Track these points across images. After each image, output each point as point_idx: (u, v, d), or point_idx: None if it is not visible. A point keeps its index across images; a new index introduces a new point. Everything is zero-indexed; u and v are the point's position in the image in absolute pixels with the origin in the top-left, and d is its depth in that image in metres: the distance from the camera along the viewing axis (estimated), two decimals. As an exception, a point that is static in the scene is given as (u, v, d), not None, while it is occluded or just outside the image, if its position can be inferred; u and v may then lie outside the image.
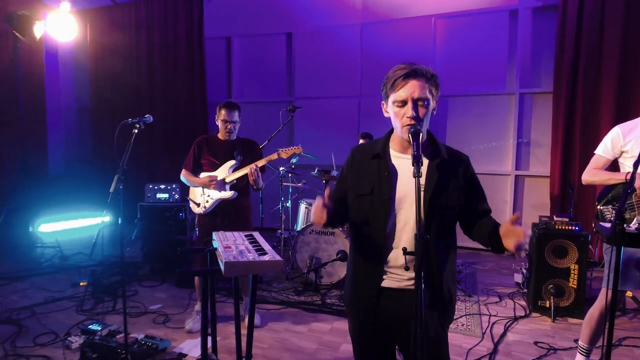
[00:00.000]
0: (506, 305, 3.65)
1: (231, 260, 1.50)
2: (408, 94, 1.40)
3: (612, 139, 2.41)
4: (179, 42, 6.67)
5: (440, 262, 1.47)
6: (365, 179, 1.53)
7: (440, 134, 5.73)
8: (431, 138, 1.55)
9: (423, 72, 1.41)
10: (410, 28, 5.65)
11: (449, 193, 1.46)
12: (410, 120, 1.39)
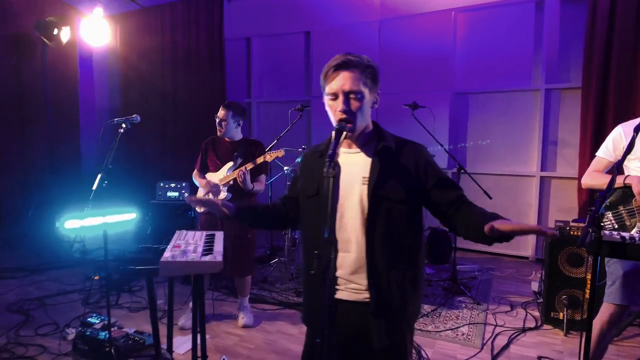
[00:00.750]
0: (517, 315, 3.41)
1: (168, 260, 1.47)
2: (339, 87, 1.31)
3: (614, 139, 2.21)
4: (200, 43, 6.79)
5: (389, 263, 1.36)
6: (313, 180, 1.46)
7: (461, 133, 5.49)
8: (377, 130, 1.45)
9: (356, 63, 1.31)
10: (429, 23, 5.44)
11: (394, 185, 1.35)
12: (341, 114, 1.31)
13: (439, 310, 3.49)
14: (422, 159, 1.39)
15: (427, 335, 3.04)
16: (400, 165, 1.37)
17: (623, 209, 2.07)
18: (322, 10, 6.09)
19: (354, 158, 1.42)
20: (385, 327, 1.38)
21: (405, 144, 1.43)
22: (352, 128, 1.34)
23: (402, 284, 1.39)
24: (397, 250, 1.38)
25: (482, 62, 5.24)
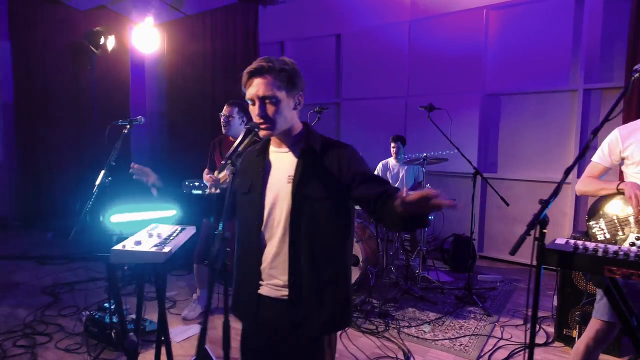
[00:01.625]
0: (528, 330, 3.20)
1: (118, 248, 1.58)
2: (254, 93, 1.35)
3: (610, 143, 2.06)
4: (237, 48, 7.05)
5: (310, 261, 1.38)
6: (247, 177, 1.51)
7: (492, 136, 5.24)
8: (306, 131, 1.48)
9: (268, 69, 1.34)
10: (460, 22, 5.25)
11: (316, 184, 1.38)
12: (259, 119, 1.35)
13: (444, 319, 3.36)
14: (346, 158, 1.41)
15: (422, 343, 2.96)
16: (324, 165, 1.40)
17: (616, 218, 1.91)
18: (353, 13, 6.09)
19: (282, 157, 1.46)
20: (301, 324, 1.39)
21: (331, 145, 1.45)
22: (271, 130, 1.38)
23: (322, 282, 1.40)
24: (319, 249, 1.39)
25: (516, 62, 4.97)
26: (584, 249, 1.36)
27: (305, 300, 1.39)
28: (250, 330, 1.52)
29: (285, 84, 1.36)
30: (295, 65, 1.41)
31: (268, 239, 1.42)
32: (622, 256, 1.28)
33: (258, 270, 1.43)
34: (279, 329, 1.43)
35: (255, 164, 1.50)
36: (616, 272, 1.26)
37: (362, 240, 3.90)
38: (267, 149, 1.51)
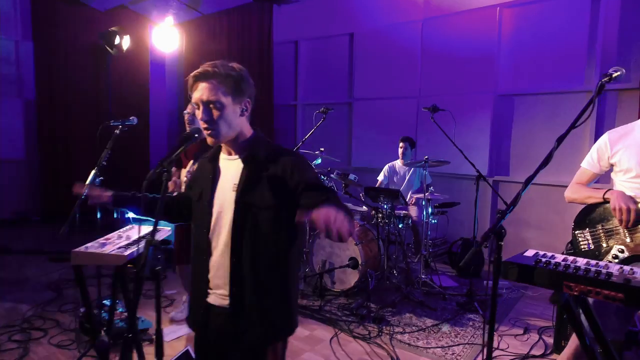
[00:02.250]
0: (527, 340, 3.10)
1: (80, 249, 1.61)
2: (198, 97, 1.34)
3: (599, 148, 1.97)
4: (252, 48, 7.10)
5: (253, 270, 1.37)
6: (199, 184, 1.51)
7: (505, 137, 5.09)
8: (254, 138, 1.46)
9: (213, 74, 1.32)
10: (473, 20, 5.12)
11: (260, 192, 1.36)
12: (203, 123, 1.34)
13: (441, 326, 3.29)
14: (290, 166, 1.37)
15: (414, 350, 2.90)
16: (269, 173, 1.38)
17: (601, 228, 1.82)
18: (366, 12, 6.03)
19: (230, 165, 1.45)
20: (242, 334, 1.38)
21: (276, 153, 1.42)
22: (215, 137, 1.36)
23: (264, 292, 1.38)
24: (263, 258, 1.37)
25: (529, 62, 4.81)
26: (545, 263, 1.29)
27: (246, 310, 1.37)
28: (201, 340, 1.52)
29: (231, 90, 1.34)
30: (243, 72, 1.39)
31: (215, 247, 1.42)
32: (581, 272, 1.21)
33: (207, 278, 1.43)
34: (226, 339, 1.42)
35: (206, 171, 1.50)
36: (574, 289, 1.19)
37: (362, 243, 3.86)
38: (217, 156, 1.50)
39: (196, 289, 1.47)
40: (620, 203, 1.74)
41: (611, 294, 1.14)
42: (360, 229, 4.08)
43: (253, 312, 1.38)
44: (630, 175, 1.84)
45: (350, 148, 6.46)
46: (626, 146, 1.86)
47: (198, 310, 1.46)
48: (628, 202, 1.75)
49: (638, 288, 1.11)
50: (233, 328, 1.39)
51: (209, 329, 1.45)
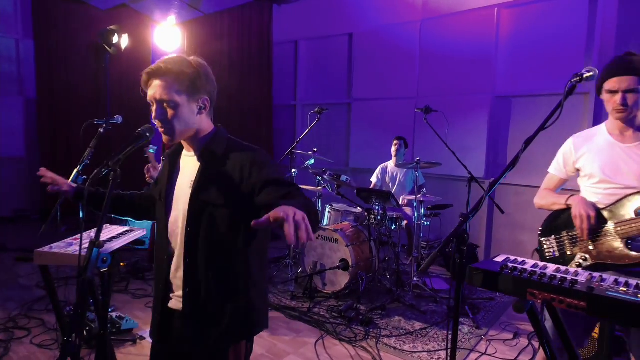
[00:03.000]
0: (516, 345, 3.05)
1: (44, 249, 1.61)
2: (151, 95, 1.31)
3: (564, 153, 1.92)
4: (252, 47, 7.09)
5: (208, 271, 1.33)
6: (161, 182, 1.49)
7: (502, 139, 5.03)
8: (214, 134, 1.42)
9: (165, 71, 1.29)
10: (471, 21, 5.07)
11: (216, 189, 1.32)
12: (158, 122, 1.31)
13: (429, 330, 3.25)
14: (249, 162, 1.32)
15: (399, 355, 2.86)
16: (226, 169, 1.33)
17: (566, 235, 1.77)
18: (365, 12, 6.00)
19: (190, 162, 1.42)
20: (197, 337, 1.34)
21: (236, 149, 1.38)
22: (170, 136, 1.33)
23: (221, 294, 1.34)
24: (219, 258, 1.34)
25: (527, 63, 4.75)
26: (510, 269, 1.25)
27: (201, 313, 1.34)
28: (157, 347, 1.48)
29: (185, 88, 1.30)
30: (201, 68, 1.35)
31: (174, 247, 1.39)
32: (546, 279, 1.17)
33: (168, 280, 1.40)
34: (184, 344, 1.38)
35: (167, 169, 1.47)
36: (538, 296, 1.16)
37: (353, 245, 3.83)
38: (180, 153, 1.47)
39: (157, 292, 1.44)
40: (580, 210, 1.68)
41: (574, 303, 1.10)
42: (353, 230, 4.05)
43: (209, 314, 1.34)
44: (594, 180, 1.78)
45: (348, 149, 6.43)
46: (590, 150, 1.80)
47: (158, 313, 1.43)
48: (588, 209, 1.69)
49: (601, 297, 1.07)
50: (189, 332, 1.35)
51: (170, 336, 1.40)
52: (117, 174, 1.24)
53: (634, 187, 1.66)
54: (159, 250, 1.44)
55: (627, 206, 1.64)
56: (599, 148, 1.78)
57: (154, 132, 1.37)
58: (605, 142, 1.78)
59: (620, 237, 1.63)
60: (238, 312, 1.36)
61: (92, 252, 1.18)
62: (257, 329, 1.44)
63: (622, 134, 1.75)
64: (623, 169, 1.70)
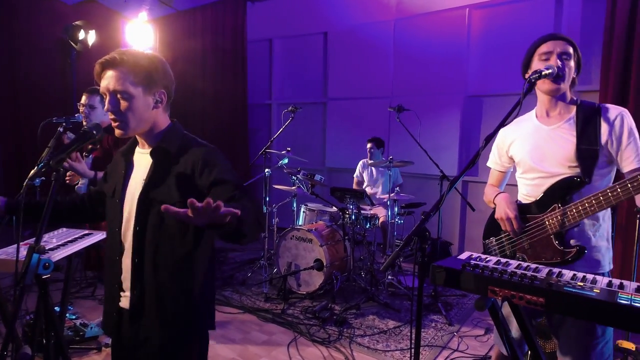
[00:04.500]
0: (487, 341, 3.09)
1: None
2: (105, 86, 1.27)
3: (497, 144, 1.84)
4: (226, 45, 6.99)
5: (155, 271, 1.29)
6: (113, 180, 1.44)
7: (474, 138, 5.10)
8: (169, 130, 1.37)
9: (120, 62, 1.24)
10: (443, 22, 5.12)
11: (166, 187, 1.29)
12: (110, 114, 1.26)
13: (402, 328, 3.26)
14: (200, 160, 1.29)
15: (372, 354, 2.85)
16: (178, 167, 1.30)
17: (504, 236, 1.74)
18: (339, 10, 5.99)
19: (142, 158, 1.38)
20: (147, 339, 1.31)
21: (189, 145, 1.34)
22: (123, 129, 1.29)
23: (168, 294, 1.31)
24: (166, 258, 1.30)
25: (497, 63, 4.83)
26: (472, 267, 1.25)
27: (145, 316, 1.31)
28: (114, 346, 1.45)
29: (141, 80, 1.26)
30: (157, 61, 1.31)
31: (125, 245, 1.35)
32: (506, 276, 1.17)
33: (119, 280, 1.35)
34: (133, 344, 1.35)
35: (120, 165, 1.42)
36: (499, 293, 1.16)
37: (327, 244, 3.81)
38: (133, 150, 1.43)
39: (109, 291, 1.40)
40: (501, 213, 1.65)
41: (533, 299, 1.10)
42: (328, 230, 4.03)
43: (152, 318, 1.30)
44: (522, 169, 1.71)
45: (324, 148, 6.41)
46: (519, 137, 1.73)
47: (110, 314, 1.39)
48: (508, 211, 1.64)
49: (558, 292, 1.08)
50: (135, 333, 1.32)
51: (121, 335, 1.37)
52: (59, 173, 1.18)
53: (558, 174, 1.58)
54: (110, 250, 1.39)
55: (553, 196, 1.58)
56: (526, 133, 1.70)
57: (101, 129, 1.32)
58: (532, 126, 1.70)
59: (551, 232, 1.57)
60: (185, 315, 1.33)
61: (31, 257, 1.12)
62: (205, 330, 1.42)
63: (548, 115, 1.67)
64: (547, 153, 1.62)
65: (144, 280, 1.30)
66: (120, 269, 1.35)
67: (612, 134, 1.51)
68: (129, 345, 1.36)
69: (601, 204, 1.42)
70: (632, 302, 1.01)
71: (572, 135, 1.56)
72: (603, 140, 1.52)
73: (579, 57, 1.62)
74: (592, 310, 1.04)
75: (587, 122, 1.54)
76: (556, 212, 1.55)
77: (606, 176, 1.58)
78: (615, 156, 1.53)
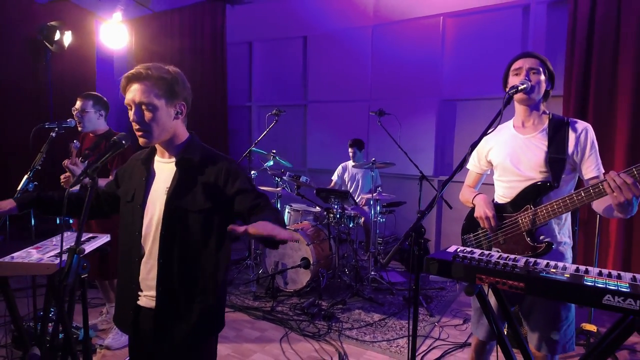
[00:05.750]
0: (465, 330, 3.32)
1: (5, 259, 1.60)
2: (130, 99, 1.37)
3: (477, 148, 2.01)
4: (205, 47, 7.03)
5: (180, 272, 1.41)
6: (131, 186, 1.53)
7: (448, 140, 5.37)
8: (189, 141, 1.50)
9: (146, 76, 1.36)
10: (419, 29, 5.36)
11: (192, 195, 1.41)
12: (135, 125, 1.37)
13: (387, 320, 3.45)
14: (224, 170, 1.43)
15: (360, 345, 3.03)
16: (202, 177, 1.43)
17: (481, 231, 1.93)
18: (319, 15, 6.14)
19: (164, 167, 1.48)
20: (168, 334, 1.42)
21: (211, 157, 1.48)
22: (148, 138, 1.40)
23: (191, 293, 1.43)
24: (191, 261, 1.42)
25: (470, 68, 5.10)
26: (462, 258, 1.43)
27: (172, 310, 1.42)
28: (134, 342, 1.54)
29: (164, 92, 1.37)
30: (178, 75, 1.43)
31: (146, 249, 1.45)
32: (491, 265, 1.36)
33: (137, 280, 1.45)
34: (155, 340, 1.45)
35: (139, 173, 1.52)
36: (485, 280, 1.34)
37: (313, 243, 3.96)
38: (152, 158, 1.53)
39: (126, 291, 1.48)
40: (480, 212, 1.82)
41: (514, 284, 1.29)
42: (313, 230, 4.18)
43: (180, 312, 1.42)
44: (499, 172, 1.90)
45: (305, 149, 6.55)
46: (497, 143, 1.92)
47: (127, 311, 1.48)
48: (486, 210, 1.80)
49: (536, 278, 1.27)
50: (161, 329, 1.43)
51: (139, 330, 1.47)
52: (95, 181, 1.29)
53: (532, 178, 1.76)
54: (128, 252, 1.48)
55: (526, 198, 1.76)
56: (504, 140, 1.88)
57: (129, 139, 1.42)
58: (510, 134, 1.88)
59: (523, 230, 1.75)
60: (205, 313, 1.45)
61: (72, 258, 1.22)
62: (221, 327, 1.55)
63: (523, 126, 1.86)
64: (522, 159, 1.79)
65: (171, 280, 1.41)
66: (139, 270, 1.45)
67: (577, 146, 1.73)
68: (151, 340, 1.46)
69: (568, 207, 1.63)
70: (596, 283, 1.21)
71: (543, 144, 1.77)
72: (570, 151, 1.73)
73: (550, 72, 1.83)
74: (563, 291, 1.24)
75: (557, 133, 1.75)
76: (528, 212, 1.75)
77: (570, 182, 1.80)
78: (578, 165, 1.75)
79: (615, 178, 1.43)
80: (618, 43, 3.89)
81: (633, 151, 3.85)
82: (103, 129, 2.97)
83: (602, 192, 1.51)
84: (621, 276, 1.28)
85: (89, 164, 1.32)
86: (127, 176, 1.57)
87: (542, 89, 1.82)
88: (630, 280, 1.24)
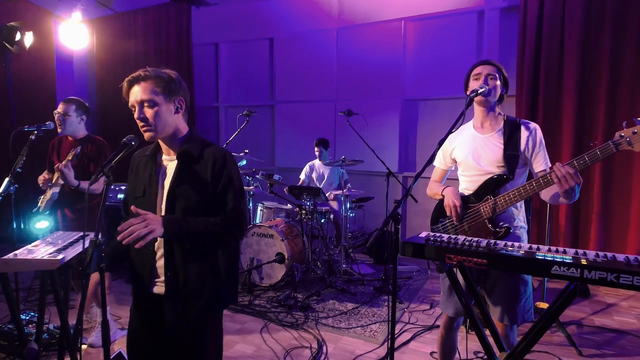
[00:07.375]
0: (432, 314, 3.58)
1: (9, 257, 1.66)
2: (133, 99, 1.50)
3: (442, 147, 2.17)
4: (170, 48, 6.99)
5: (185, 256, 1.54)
6: (140, 182, 1.64)
7: (411, 137, 5.66)
8: (191, 136, 1.63)
9: (145, 77, 1.49)
10: (382, 32, 5.62)
11: (188, 187, 1.54)
12: (140, 122, 1.50)
13: (360, 309, 3.66)
14: (221, 158, 1.58)
15: (337, 332, 3.21)
16: (200, 166, 1.57)
17: (448, 221, 2.14)
18: (284, 17, 6.28)
19: (171, 165, 1.61)
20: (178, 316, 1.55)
21: (210, 147, 1.62)
22: (153, 132, 1.52)
23: (196, 277, 1.55)
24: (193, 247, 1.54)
25: (430, 70, 5.41)
26: (433, 240, 1.64)
27: (180, 294, 1.54)
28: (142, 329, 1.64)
29: (162, 89, 1.50)
30: (174, 75, 1.57)
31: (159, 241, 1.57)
32: (459, 245, 1.57)
33: (153, 270, 1.57)
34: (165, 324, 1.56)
35: (147, 169, 1.63)
36: (454, 259, 1.55)
37: (287, 239, 4.11)
38: (156, 154, 1.65)
39: (142, 280, 1.59)
40: (448, 201, 2.05)
41: (479, 261, 1.51)
42: (286, 226, 4.33)
43: (188, 295, 1.54)
44: (462, 168, 2.11)
45: (273, 149, 6.68)
46: (460, 143, 2.13)
47: (145, 301, 1.59)
48: (454, 199, 2.01)
49: (496, 254, 1.49)
50: (170, 312, 1.54)
51: (153, 318, 1.58)
52: (110, 179, 1.40)
53: (491, 172, 1.98)
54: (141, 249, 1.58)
55: (486, 190, 1.99)
56: (466, 140, 2.13)
57: (137, 140, 1.53)
58: (471, 134, 2.10)
59: (485, 217, 1.97)
60: (212, 294, 1.58)
61: (93, 250, 1.32)
62: (230, 301, 1.69)
63: (482, 126, 2.08)
64: (482, 156, 2.02)
65: (175, 266, 1.53)
66: (154, 259, 1.57)
67: (528, 144, 1.99)
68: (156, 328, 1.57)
69: (522, 195, 1.88)
70: (545, 257, 1.45)
71: (500, 142, 2.02)
72: (522, 148, 1.99)
73: (504, 77, 2.09)
74: (520, 265, 1.46)
75: (511, 133, 2.01)
76: (489, 202, 1.99)
77: (522, 175, 2.07)
78: (529, 160, 2.01)
79: (560, 169, 1.68)
80: (563, 48, 4.29)
81: (577, 144, 4.27)
82: (83, 133, 2.99)
83: (550, 182, 1.76)
84: (566, 251, 1.52)
85: (104, 164, 1.43)
86: (132, 175, 1.67)
87: (497, 92, 2.06)
88: (574, 254, 1.49)
